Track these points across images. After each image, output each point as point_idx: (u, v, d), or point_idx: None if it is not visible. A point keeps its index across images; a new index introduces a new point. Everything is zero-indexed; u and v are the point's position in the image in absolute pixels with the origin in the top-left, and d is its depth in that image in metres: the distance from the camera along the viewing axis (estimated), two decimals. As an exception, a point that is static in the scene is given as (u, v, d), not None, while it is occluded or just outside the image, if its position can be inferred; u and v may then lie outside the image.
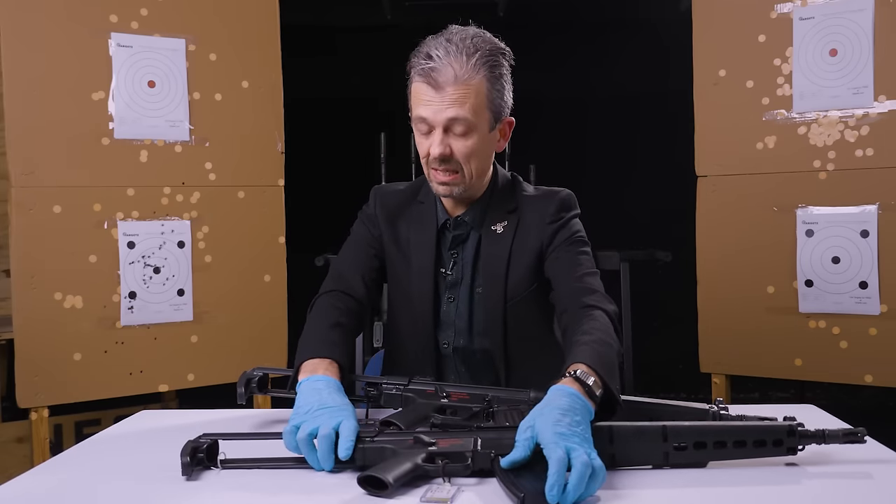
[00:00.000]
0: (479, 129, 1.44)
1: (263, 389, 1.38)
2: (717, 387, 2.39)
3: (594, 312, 1.36)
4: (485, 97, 1.42)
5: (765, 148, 2.30)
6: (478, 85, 1.41)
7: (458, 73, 1.39)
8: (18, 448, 2.90)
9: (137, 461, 1.20)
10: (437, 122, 1.42)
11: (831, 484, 1.04)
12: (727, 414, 1.19)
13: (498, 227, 1.54)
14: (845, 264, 2.21)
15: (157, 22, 2.31)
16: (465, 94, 1.40)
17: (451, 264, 1.56)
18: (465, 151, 1.44)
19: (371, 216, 1.63)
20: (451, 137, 1.43)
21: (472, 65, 1.40)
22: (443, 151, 1.42)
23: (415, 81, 1.44)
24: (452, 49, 1.40)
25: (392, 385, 1.33)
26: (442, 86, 1.39)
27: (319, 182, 4.12)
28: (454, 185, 1.47)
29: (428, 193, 1.59)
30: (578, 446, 0.99)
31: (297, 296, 2.64)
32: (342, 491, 1.04)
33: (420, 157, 1.51)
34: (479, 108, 1.42)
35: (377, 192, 1.66)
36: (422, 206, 1.60)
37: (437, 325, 1.57)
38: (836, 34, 2.20)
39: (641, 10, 4.36)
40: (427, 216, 1.58)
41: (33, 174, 2.16)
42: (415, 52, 1.45)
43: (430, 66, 1.40)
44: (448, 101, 1.40)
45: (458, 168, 1.46)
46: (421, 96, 1.42)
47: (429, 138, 1.45)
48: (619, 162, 4.25)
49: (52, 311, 2.18)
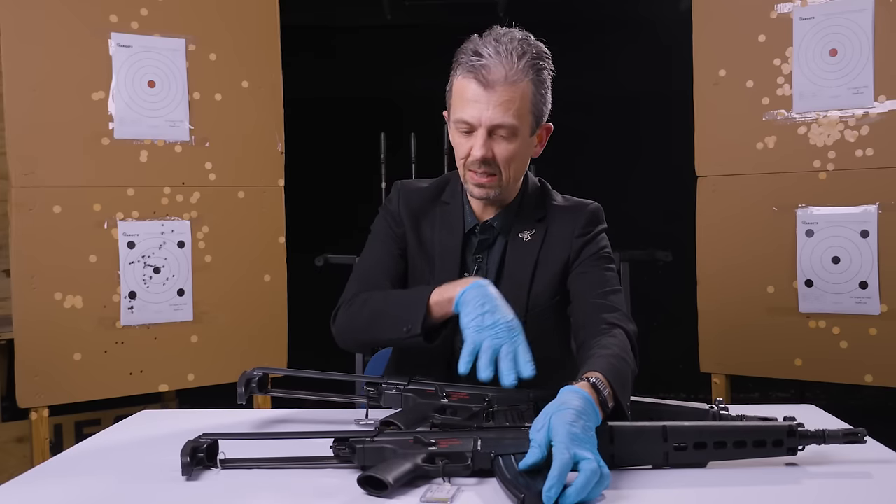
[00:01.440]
0: (521, 133, 1.41)
1: (263, 389, 1.38)
2: (717, 387, 2.39)
3: (614, 330, 1.35)
4: (529, 101, 1.40)
5: (765, 148, 2.30)
6: (524, 88, 1.38)
7: (508, 74, 1.36)
8: (18, 448, 2.90)
9: (137, 461, 1.20)
10: (482, 122, 1.38)
11: (831, 484, 1.04)
12: (727, 414, 1.19)
13: (525, 234, 1.51)
14: (845, 264, 2.21)
15: (157, 22, 2.31)
16: (513, 96, 1.37)
17: (475, 269, 1.52)
18: (507, 155, 1.41)
19: (395, 213, 1.57)
20: (494, 140, 1.40)
21: (520, 67, 1.37)
22: (485, 154, 1.39)
23: (461, 77, 1.40)
24: (502, 49, 1.37)
25: (392, 385, 1.33)
26: (492, 84, 1.36)
27: (319, 182, 4.12)
28: (491, 189, 1.44)
29: (454, 194, 1.55)
30: (590, 453, 0.99)
31: (297, 296, 2.65)
32: (342, 491, 1.04)
33: (456, 157, 1.47)
34: (524, 111, 1.40)
35: (401, 188, 1.60)
36: (447, 206, 1.55)
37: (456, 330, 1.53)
38: (836, 34, 2.20)
39: (641, 9, 4.36)
40: (454, 219, 1.53)
41: (33, 174, 2.16)
42: (461, 48, 1.41)
43: (480, 62, 1.36)
44: (495, 102, 1.36)
45: (497, 171, 1.42)
46: (467, 94, 1.39)
47: (470, 139, 1.41)
48: (618, 162, 4.25)
49: (52, 311, 2.18)
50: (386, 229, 1.57)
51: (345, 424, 1.34)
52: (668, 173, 3.19)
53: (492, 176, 1.43)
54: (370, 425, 1.16)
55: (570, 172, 3.96)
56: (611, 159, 4.25)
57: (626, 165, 4.23)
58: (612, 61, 4.31)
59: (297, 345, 2.58)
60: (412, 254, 1.54)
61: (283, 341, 2.49)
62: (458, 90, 1.40)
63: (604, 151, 4.27)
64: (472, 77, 1.37)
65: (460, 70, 1.40)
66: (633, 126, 4.26)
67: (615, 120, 4.27)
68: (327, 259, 3.45)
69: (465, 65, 1.38)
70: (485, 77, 1.36)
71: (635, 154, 4.24)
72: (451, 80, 1.45)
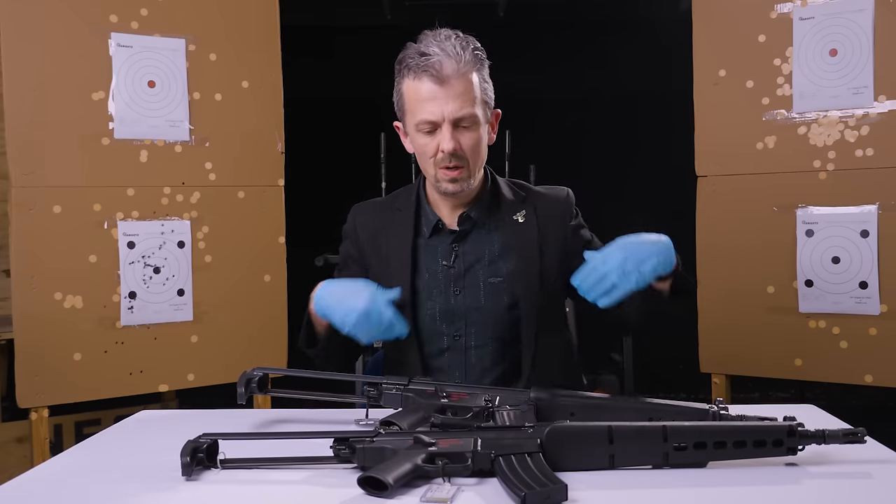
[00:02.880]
0: (481, 121, 1.47)
1: (263, 389, 1.38)
2: (717, 387, 2.39)
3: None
4: (480, 89, 1.46)
5: (765, 148, 2.30)
6: (474, 78, 1.45)
7: (458, 66, 1.41)
8: (18, 448, 2.90)
9: (137, 461, 1.20)
10: (445, 117, 1.42)
11: (831, 484, 1.04)
12: (727, 414, 1.19)
13: (518, 216, 1.57)
14: (845, 264, 2.21)
15: (157, 22, 2.31)
16: (467, 86, 1.42)
17: (453, 257, 1.56)
18: (472, 144, 1.46)
19: (350, 233, 1.66)
20: (458, 132, 1.44)
21: (467, 58, 1.43)
22: (455, 147, 1.43)
23: (412, 80, 1.44)
24: (448, 46, 1.42)
25: (392, 385, 1.33)
26: (446, 79, 1.40)
27: (319, 182, 4.12)
28: (463, 181, 1.49)
29: (408, 201, 1.61)
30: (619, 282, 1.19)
31: (297, 296, 2.64)
32: (342, 491, 1.04)
33: (422, 159, 1.51)
34: (478, 100, 1.46)
35: (354, 209, 1.69)
36: (399, 213, 1.61)
37: (447, 320, 1.56)
38: (836, 34, 2.20)
39: (641, 9, 4.36)
40: (405, 223, 1.59)
41: (33, 174, 2.16)
42: (401, 57, 1.47)
43: (430, 60, 1.40)
44: (454, 95, 1.41)
45: (465, 163, 1.47)
46: (422, 94, 1.42)
47: (435, 137, 1.45)
48: (618, 162, 4.25)
49: (52, 311, 2.18)
50: (345, 257, 1.68)
51: (345, 424, 1.34)
52: (667, 173, 3.19)
53: (461, 168, 1.48)
54: (370, 425, 1.16)
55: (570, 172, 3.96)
56: (611, 159, 4.25)
57: (626, 165, 4.23)
58: (612, 61, 4.31)
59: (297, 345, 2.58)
60: (373, 267, 1.62)
61: (282, 341, 2.48)
62: (411, 93, 1.45)
63: (604, 151, 4.27)
64: (425, 76, 1.42)
65: (409, 73, 1.45)
66: (633, 126, 4.26)
67: (615, 120, 4.27)
68: (327, 259, 3.44)
69: (414, 67, 1.43)
70: (438, 72, 1.41)
71: (635, 154, 4.24)
72: (397, 87, 1.50)
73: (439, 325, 1.56)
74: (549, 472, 1.02)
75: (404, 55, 1.46)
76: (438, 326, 1.56)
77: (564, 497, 0.98)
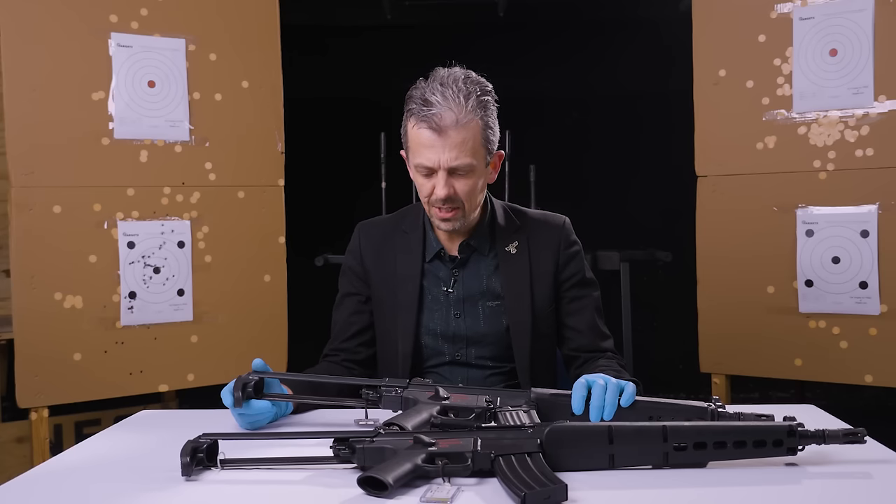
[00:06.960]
0: (478, 168, 1.50)
1: (259, 394, 1.35)
2: (717, 387, 2.39)
3: (611, 355, 1.61)
4: (480, 137, 1.49)
5: (765, 148, 2.30)
6: (475, 127, 1.47)
7: (458, 117, 1.44)
8: (18, 448, 2.90)
9: (137, 461, 1.20)
10: (441, 165, 1.47)
11: (831, 484, 1.04)
12: (725, 412, 1.19)
13: (511, 247, 1.62)
14: (845, 264, 2.21)
15: (157, 22, 2.31)
16: (465, 137, 1.46)
17: (452, 282, 1.62)
18: (467, 190, 1.50)
19: (355, 252, 1.69)
20: (454, 178, 1.49)
21: (468, 108, 1.45)
22: (448, 193, 1.48)
23: (414, 126, 1.48)
24: (449, 93, 1.45)
25: (392, 387, 1.33)
26: (444, 130, 1.44)
27: (319, 182, 4.12)
28: (456, 220, 1.54)
29: (415, 225, 1.65)
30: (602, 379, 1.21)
31: (297, 296, 2.64)
32: (342, 491, 1.04)
33: (420, 195, 1.57)
34: (477, 148, 1.49)
35: (360, 228, 1.72)
36: (407, 236, 1.65)
37: (448, 341, 1.62)
38: (836, 34, 2.20)
39: (641, 9, 4.36)
40: (414, 247, 1.63)
41: (33, 174, 2.16)
42: (410, 95, 1.50)
43: (431, 112, 1.44)
44: (450, 145, 1.45)
45: (460, 205, 1.52)
46: (422, 141, 1.47)
47: (431, 180, 1.50)
48: (619, 162, 4.25)
49: (52, 311, 2.18)
50: (350, 275, 1.70)
51: (345, 425, 1.34)
52: (668, 173, 3.19)
53: (455, 210, 1.52)
54: (370, 425, 1.16)
55: (570, 172, 3.97)
56: (611, 159, 4.25)
57: (626, 165, 4.22)
58: (612, 61, 4.31)
59: (297, 345, 2.58)
60: (376, 287, 1.66)
61: (282, 341, 2.48)
62: (413, 137, 1.49)
63: (604, 151, 4.27)
64: (425, 125, 1.45)
65: (413, 118, 1.49)
66: (634, 126, 4.26)
67: (615, 120, 4.27)
68: (327, 259, 3.45)
69: (417, 114, 1.47)
70: (437, 124, 1.44)
71: (635, 154, 4.24)
72: (404, 124, 1.54)
73: (441, 345, 1.62)
74: (549, 472, 1.02)
75: (411, 95, 1.50)
76: (440, 346, 1.62)
77: (564, 497, 0.98)
